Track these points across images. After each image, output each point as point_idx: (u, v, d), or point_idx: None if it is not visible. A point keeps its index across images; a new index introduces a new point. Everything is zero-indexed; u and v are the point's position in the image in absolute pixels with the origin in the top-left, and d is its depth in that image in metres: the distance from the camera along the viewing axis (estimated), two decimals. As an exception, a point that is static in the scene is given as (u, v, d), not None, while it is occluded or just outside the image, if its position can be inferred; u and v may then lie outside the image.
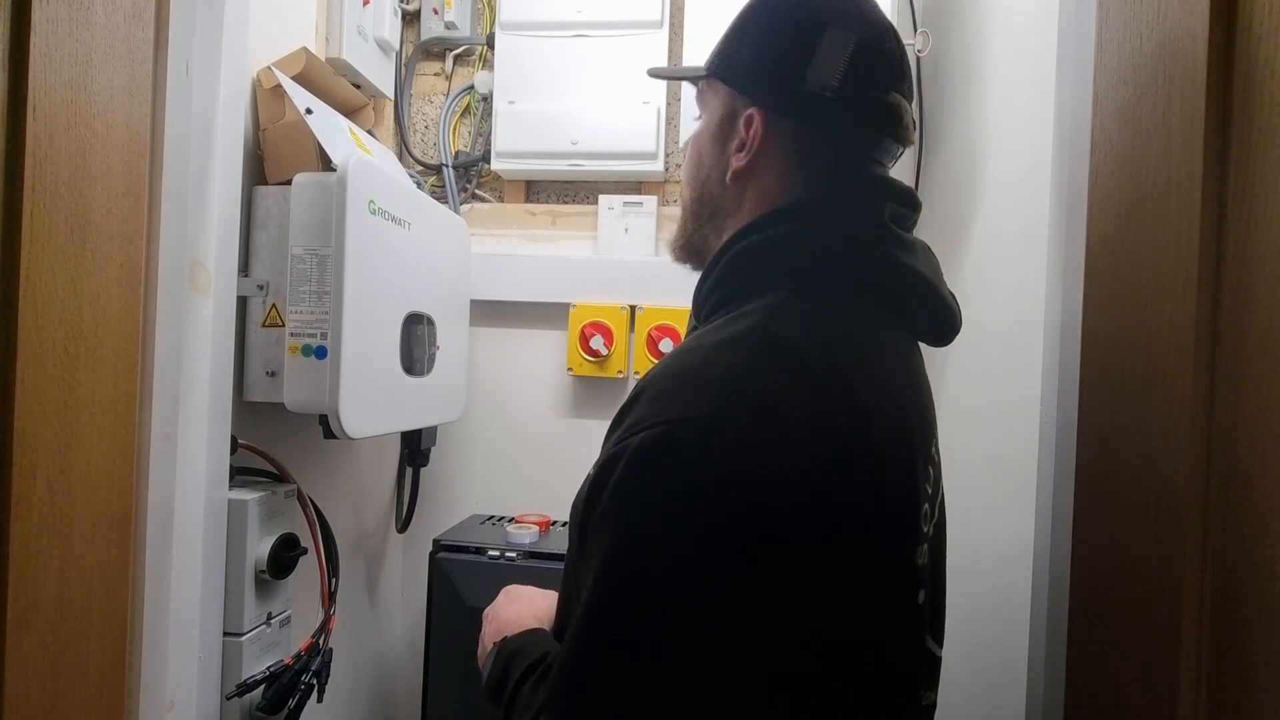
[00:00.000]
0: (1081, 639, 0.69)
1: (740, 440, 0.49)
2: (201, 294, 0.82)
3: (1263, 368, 0.48)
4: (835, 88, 0.58)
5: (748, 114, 0.61)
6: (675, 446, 0.49)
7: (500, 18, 1.50)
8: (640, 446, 0.50)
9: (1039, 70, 0.87)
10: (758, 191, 0.63)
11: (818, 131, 0.61)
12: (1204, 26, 0.53)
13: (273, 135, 1.03)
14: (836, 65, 0.58)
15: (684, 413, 0.50)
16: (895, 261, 0.60)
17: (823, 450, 0.50)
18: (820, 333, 0.54)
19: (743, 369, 0.52)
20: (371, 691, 1.48)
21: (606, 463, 0.53)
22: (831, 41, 0.58)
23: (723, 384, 0.51)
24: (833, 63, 0.58)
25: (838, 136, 0.60)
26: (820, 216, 0.59)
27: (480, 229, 1.56)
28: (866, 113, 0.60)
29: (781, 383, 0.51)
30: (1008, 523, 0.89)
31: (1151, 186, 0.59)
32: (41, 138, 0.59)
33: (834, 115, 0.59)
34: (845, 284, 0.59)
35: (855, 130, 0.60)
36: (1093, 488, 0.69)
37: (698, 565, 0.49)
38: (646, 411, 0.52)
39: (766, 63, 0.61)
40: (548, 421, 1.54)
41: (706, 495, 0.49)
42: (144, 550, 0.76)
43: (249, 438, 0.97)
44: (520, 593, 0.75)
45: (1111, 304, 0.65)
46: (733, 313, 0.58)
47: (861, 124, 0.60)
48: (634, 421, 0.52)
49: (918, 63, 1.41)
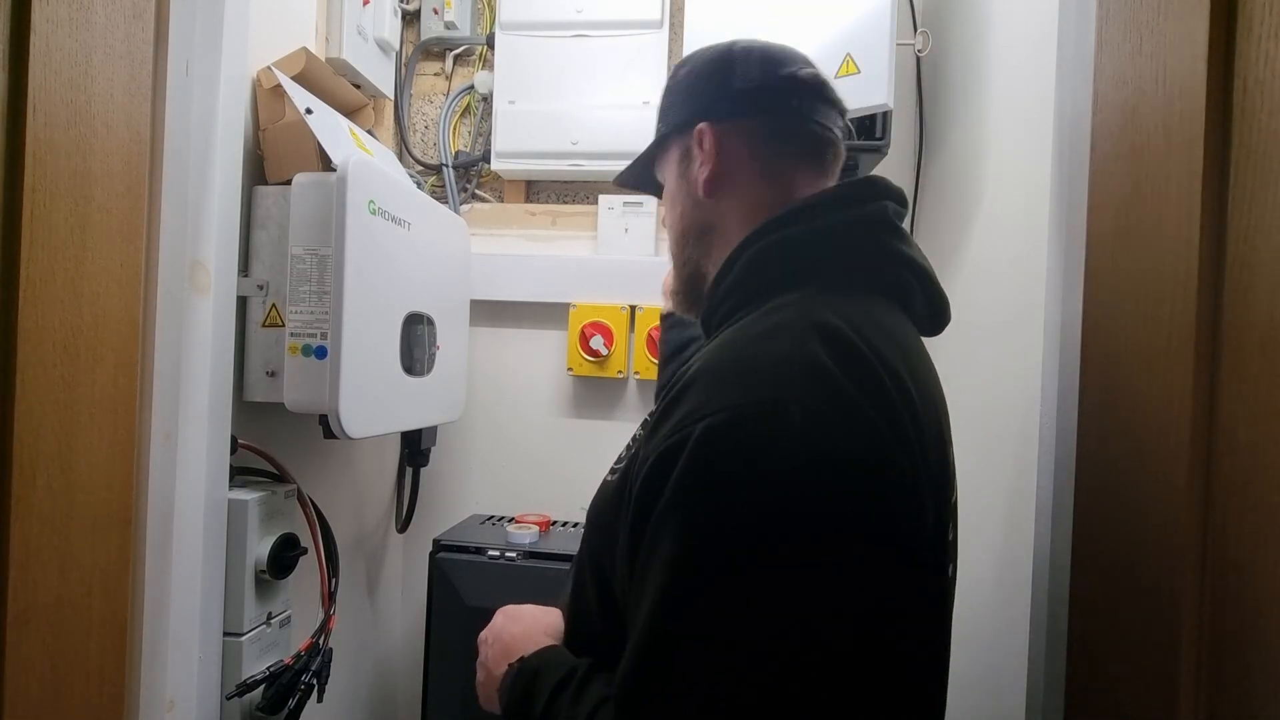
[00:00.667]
0: (1081, 639, 0.69)
1: (808, 421, 0.49)
2: (201, 294, 0.82)
3: (1263, 368, 0.48)
4: (757, 77, 0.67)
5: (695, 132, 0.67)
6: (744, 430, 0.49)
7: (500, 18, 1.50)
8: (706, 434, 0.50)
9: (1039, 70, 0.87)
10: (738, 196, 0.67)
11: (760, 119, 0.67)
12: (1204, 26, 0.53)
13: (273, 135, 1.03)
14: (752, 65, 0.67)
15: (746, 397, 0.50)
16: (902, 255, 0.63)
17: (884, 428, 0.51)
18: (855, 322, 0.56)
19: (799, 353, 0.52)
20: (371, 691, 1.48)
21: (665, 453, 0.51)
22: (743, 53, 0.68)
23: (782, 368, 0.51)
24: (748, 65, 0.67)
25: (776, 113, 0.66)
26: (832, 215, 0.62)
27: (480, 229, 1.56)
28: (792, 88, 0.67)
29: (839, 365, 0.52)
30: (1007, 523, 0.89)
31: (1151, 186, 0.59)
32: (41, 138, 0.59)
33: (767, 98, 0.66)
34: (862, 279, 0.61)
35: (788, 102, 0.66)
36: (1093, 488, 0.69)
37: (778, 546, 0.49)
38: (704, 400, 0.52)
39: (696, 93, 0.69)
40: (548, 421, 1.54)
41: (780, 477, 0.49)
42: (144, 550, 0.76)
43: (249, 438, 0.97)
44: (521, 612, 0.71)
45: (1111, 303, 0.65)
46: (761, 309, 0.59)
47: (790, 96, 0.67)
48: (690, 411, 0.52)
49: (918, 63, 1.41)
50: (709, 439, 0.50)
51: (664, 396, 0.57)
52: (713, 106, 0.68)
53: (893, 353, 0.56)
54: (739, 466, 0.49)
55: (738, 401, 0.50)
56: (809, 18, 1.21)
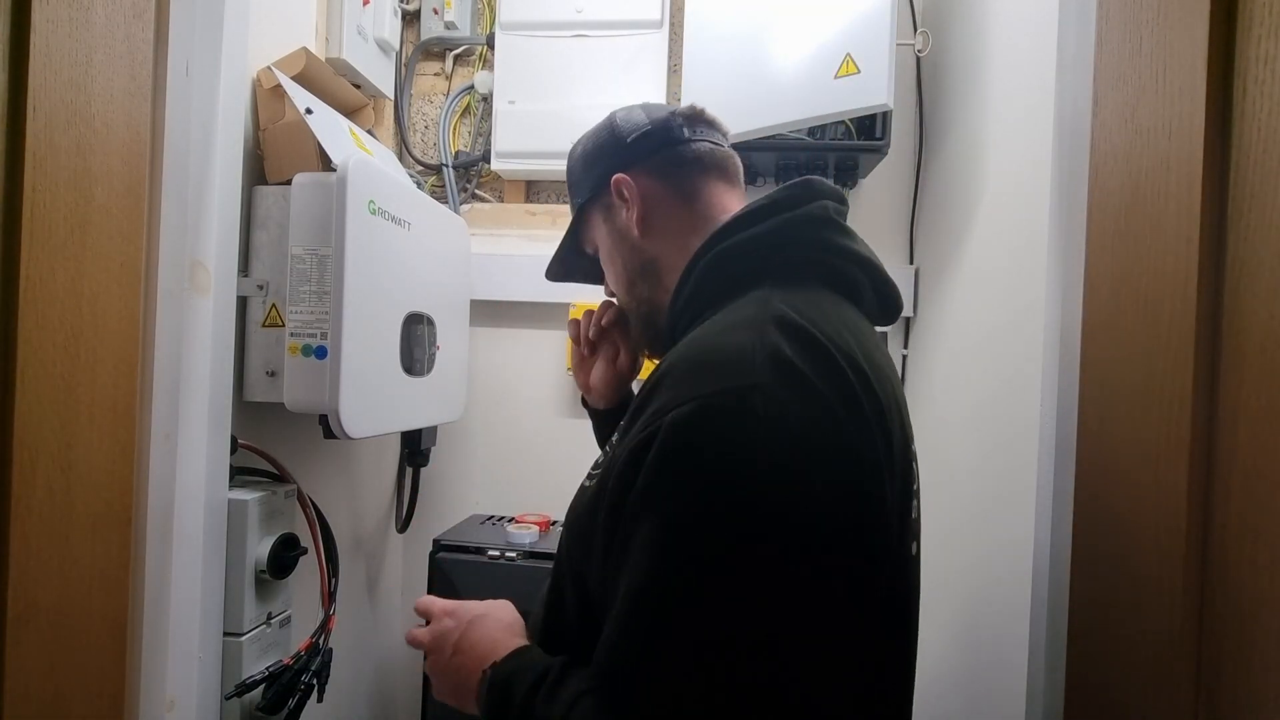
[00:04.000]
0: (1081, 639, 0.69)
1: (772, 408, 0.51)
2: (201, 294, 0.82)
3: (1263, 368, 0.48)
4: (642, 122, 0.74)
5: (613, 183, 0.73)
6: (710, 419, 0.51)
7: (500, 18, 1.50)
8: (674, 424, 0.51)
9: (1039, 70, 0.87)
10: (668, 227, 0.72)
11: (659, 155, 0.73)
12: (1204, 26, 0.53)
13: (273, 135, 1.03)
14: (633, 117, 0.75)
15: (712, 387, 0.52)
16: (847, 250, 0.66)
17: (848, 414, 0.54)
18: (810, 314, 0.58)
19: (762, 345, 0.54)
20: (371, 691, 1.48)
21: (637, 448, 0.53)
22: (624, 114, 0.76)
23: (747, 359, 0.53)
24: (629, 119, 0.75)
25: (669, 145, 0.73)
26: (775, 217, 0.65)
27: (480, 229, 1.56)
28: (671, 120, 0.74)
29: (800, 354, 0.54)
30: (1008, 523, 0.89)
31: (1151, 186, 0.59)
32: (41, 137, 0.59)
33: (657, 136, 0.74)
34: (810, 274, 0.64)
35: (675, 133, 0.74)
36: (1093, 488, 0.69)
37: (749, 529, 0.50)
38: (672, 395, 0.54)
39: (595, 159, 0.76)
40: (548, 421, 1.54)
41: (747, 464, 0.50)
42: (144, 550, 0.76)
43: (249, 438, 0.97)
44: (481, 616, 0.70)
45: (1111, 303, 0.65)
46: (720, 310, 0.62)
47: (673, 128, 0.74)
48: (660, 406, 0.54)
49: (918, 63, 1.41)
50: (678, 429, 0.51)
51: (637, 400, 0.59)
52: (615, 162, 0.74)
53: (847, 342, 0.58)
54: (708, 455, 0.51)
55: (704, 391, 0.52)
56: (809, 18, 1.21)
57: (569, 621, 0.63)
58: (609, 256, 0.77)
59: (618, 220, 0.74)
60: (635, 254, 0.73)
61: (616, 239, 0.75)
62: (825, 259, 0.65)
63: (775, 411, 0.51)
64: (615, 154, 0.74)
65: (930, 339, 1.32)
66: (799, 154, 1.33)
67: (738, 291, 0.63)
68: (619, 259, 0.75)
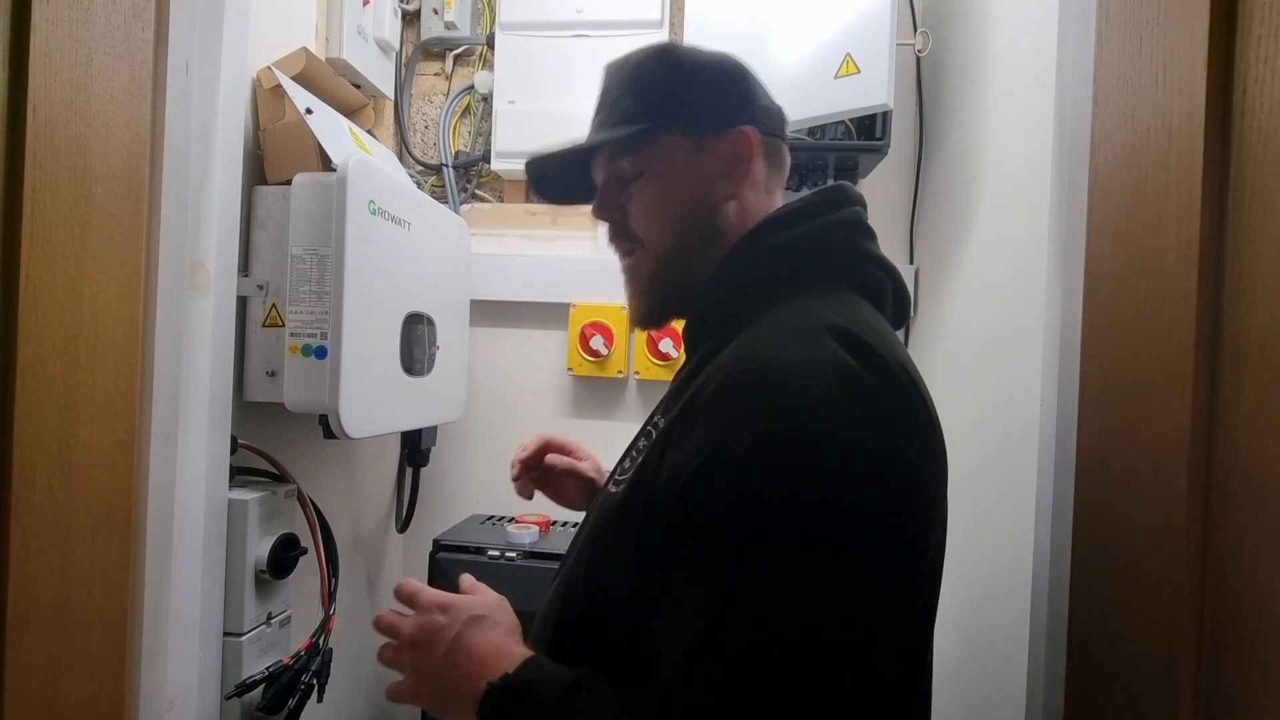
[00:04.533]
0: (1081, 639, 0.69)
1: (846, 422, 0.51)
2: (201, 294, 0.82)
3: (1263, 368, 0.48)
4: (768, 96, 0.71)
5: (738, 133, 0.66)
6: (788, 434, 0.51)
7: (500, 18, 1.50)
8: (754, 438, 0.51)
9: (1039, 70, 0.87)
10: (744, 204, 0.68)
11: (773, 139, 0.70)
12: (1204, 26, 0.53)
13: (273, 135, 1.03)
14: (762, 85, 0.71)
15: (783, 400, 0.52)
16: (877, 256, 0.67)
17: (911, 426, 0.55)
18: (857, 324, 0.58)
19: (824, 357, 0.54)
20: (371, 691, 1.48)
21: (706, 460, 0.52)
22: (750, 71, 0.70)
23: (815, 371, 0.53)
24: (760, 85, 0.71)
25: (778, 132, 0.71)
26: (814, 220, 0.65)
27: (480, 229, 1.56)
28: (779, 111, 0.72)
29: (864, 367, 0.54)
30: (1008, 523, 0.89)
31: (1151, 186, 0.59)
32: (41, 138, 0.59)
33: (776, 118, 0.71)
34: (845, 280, 0.64)
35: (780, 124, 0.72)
36: (1092, 488, 0.69)
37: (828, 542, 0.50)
38: (739, 407, 0.53)
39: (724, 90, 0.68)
40: (548, 421, 1.54)
41: (826, 478, 0.50)
42: (144, 550, 0.76)
43: (249, 438, 0.97)
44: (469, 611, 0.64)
45: (1111, 304, 0.65)
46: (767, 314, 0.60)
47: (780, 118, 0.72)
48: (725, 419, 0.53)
49: (918, 63, 1.41)
50: (757, 443, 0.51)
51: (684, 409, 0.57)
52: (746, 114, 0.67)
53: (894, 352, 0.58)
54: (789, 468, 0.50)
55: (778, 405, 0.52)
56: (809, 18, 1.21)
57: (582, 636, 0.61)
58: (666, 196, 0.67)
59: (705, 166, 0.66)
60: (709, 212, 0.66)
61: (692, 183, 0.66)
62: (860, 266, 0.65)
63: (848, 426, 0.51)
64: (746, 105, 0.68)
65: (930, 339, 1.32)
66: (799, 154, 1.33)
67: (776, 293, 0.62)
68: (682, 205, 0.67)
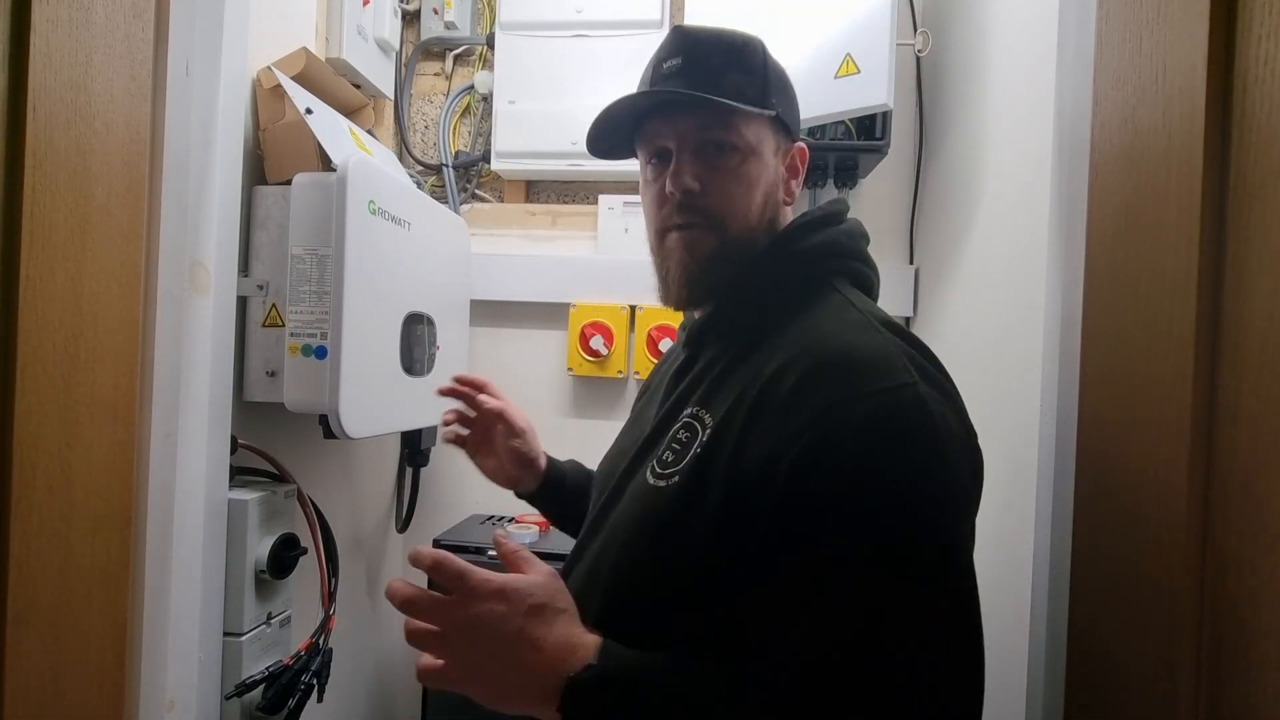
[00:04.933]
0: (1081, 639, 0.69)
1: (934, 403, 0.56)
2: (201, 294, 0.82)
3: (1263, 367, 0.48)
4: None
5: (799, 149, 0.75)
6: (892, 415, 0.54)
7: (500, 18, 1.50)
8: (867, 419, 0.54)
9: (1039, 70, 0.87)
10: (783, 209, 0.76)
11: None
12: (1204, 26, 0.53)
13: (273, 135, 1.03)
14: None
15: (877, 385, 0.55)
16: (872, 260, 0.74)
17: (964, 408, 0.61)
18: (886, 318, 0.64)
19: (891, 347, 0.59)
20: (371, 691, 1.48)
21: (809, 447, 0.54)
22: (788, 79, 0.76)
23: (892, 359, 0.57)
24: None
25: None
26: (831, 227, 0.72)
27: (480, 229, 1.56)
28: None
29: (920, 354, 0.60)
30: (1008, 523, 0.89)
31: (1151, 186, 0.59)
32: (41, 138, 0.59)
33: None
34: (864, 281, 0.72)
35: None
36: (1092, 486, 0.69)
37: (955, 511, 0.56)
38: (833, 393, 0.56)
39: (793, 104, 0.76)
40: (548, 421, 1.54)
41: (939, 453, 0.55)
42: (144, 550, 0.76)
43: (249, 438, 0.97)
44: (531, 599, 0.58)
45: (1111, 303, 0.65)
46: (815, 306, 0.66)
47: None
48: (821, 406, 0.55)
49: (918, 63, 1.41)
50: (870, 423, 0.54)
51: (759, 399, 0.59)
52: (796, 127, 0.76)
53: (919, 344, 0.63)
54: (899, 450, 0.54)
55: (871, 389, 0.55)
56: (809, 18, 1.21)
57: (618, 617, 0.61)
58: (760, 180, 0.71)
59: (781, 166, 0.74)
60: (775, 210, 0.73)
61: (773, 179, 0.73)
62: (863, 269, 0.72)
63: (936, 407, 0.56)
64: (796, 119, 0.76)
65: (930, 339, 1.31)
66: (799, 154, 1.33)
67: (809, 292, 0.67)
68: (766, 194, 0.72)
